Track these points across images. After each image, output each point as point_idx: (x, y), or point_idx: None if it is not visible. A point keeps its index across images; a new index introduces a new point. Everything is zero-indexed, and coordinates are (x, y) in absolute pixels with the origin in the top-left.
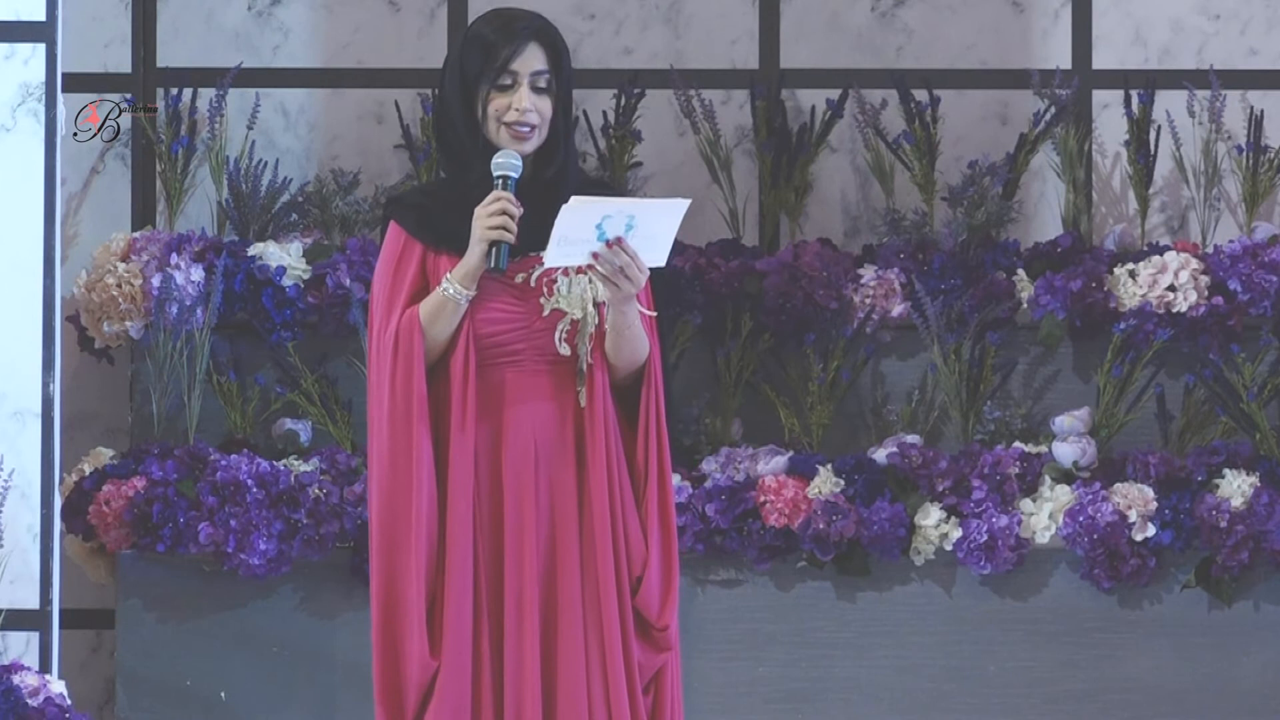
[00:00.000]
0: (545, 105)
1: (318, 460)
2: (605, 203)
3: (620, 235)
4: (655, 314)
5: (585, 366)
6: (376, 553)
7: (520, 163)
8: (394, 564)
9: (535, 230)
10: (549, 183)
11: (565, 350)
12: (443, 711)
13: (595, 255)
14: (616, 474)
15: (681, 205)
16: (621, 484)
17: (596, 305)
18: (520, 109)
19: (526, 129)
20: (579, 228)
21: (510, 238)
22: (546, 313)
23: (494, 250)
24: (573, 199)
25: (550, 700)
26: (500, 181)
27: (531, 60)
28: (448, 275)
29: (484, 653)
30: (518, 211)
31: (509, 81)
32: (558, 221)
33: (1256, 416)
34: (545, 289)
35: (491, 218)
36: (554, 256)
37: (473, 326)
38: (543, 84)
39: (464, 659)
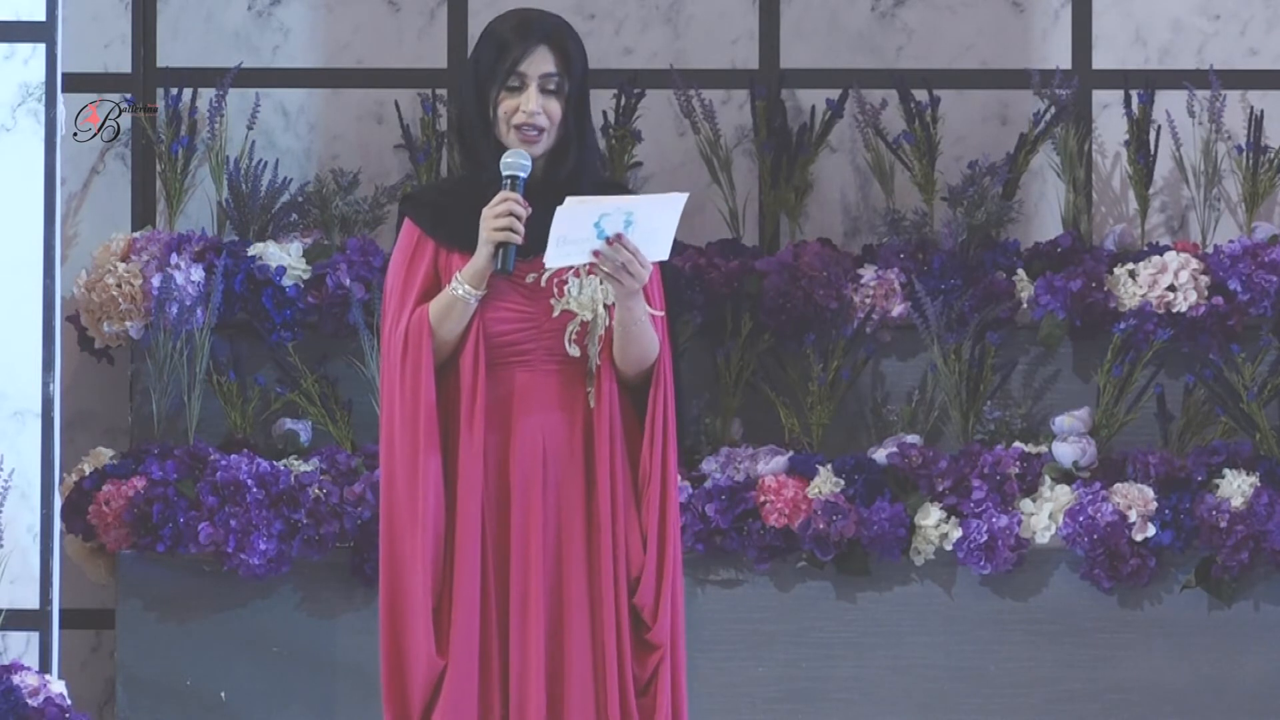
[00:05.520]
0: (554, 107)
1: (318, 460)
2: (601, 201)
3: (620, 232)
4: (664, 314)
5: (594, 368)
6: (383, 550)
7: (529, 163)
8: (398, 561)
9: (546, 230)
10: (562, 184)
11: (574, 351)
12: (448, 711)
13: (596, 253)
14: (620, 475)
15: (679, 199)
16: (624, 484)
17: (607, 307)
18: (528, 111)
19: (534, 132)
20: (577, 227)
21: (517, 239)
22: (557, 313)
23: (501, 252)
24: (567, 200)
25: (557, 700)
26: (508, 182)
27: (541, 62)
28: (457, 275)
29: (493, 653)
30: (525, 212)
31: (518, 83)
32: (555, 221)
33: (1256, 416)
34: (556, 290)
35: (498, 219)
36: (554, 256)
37: (482, 325)
38: (552, 86)
39: (471, 659)
